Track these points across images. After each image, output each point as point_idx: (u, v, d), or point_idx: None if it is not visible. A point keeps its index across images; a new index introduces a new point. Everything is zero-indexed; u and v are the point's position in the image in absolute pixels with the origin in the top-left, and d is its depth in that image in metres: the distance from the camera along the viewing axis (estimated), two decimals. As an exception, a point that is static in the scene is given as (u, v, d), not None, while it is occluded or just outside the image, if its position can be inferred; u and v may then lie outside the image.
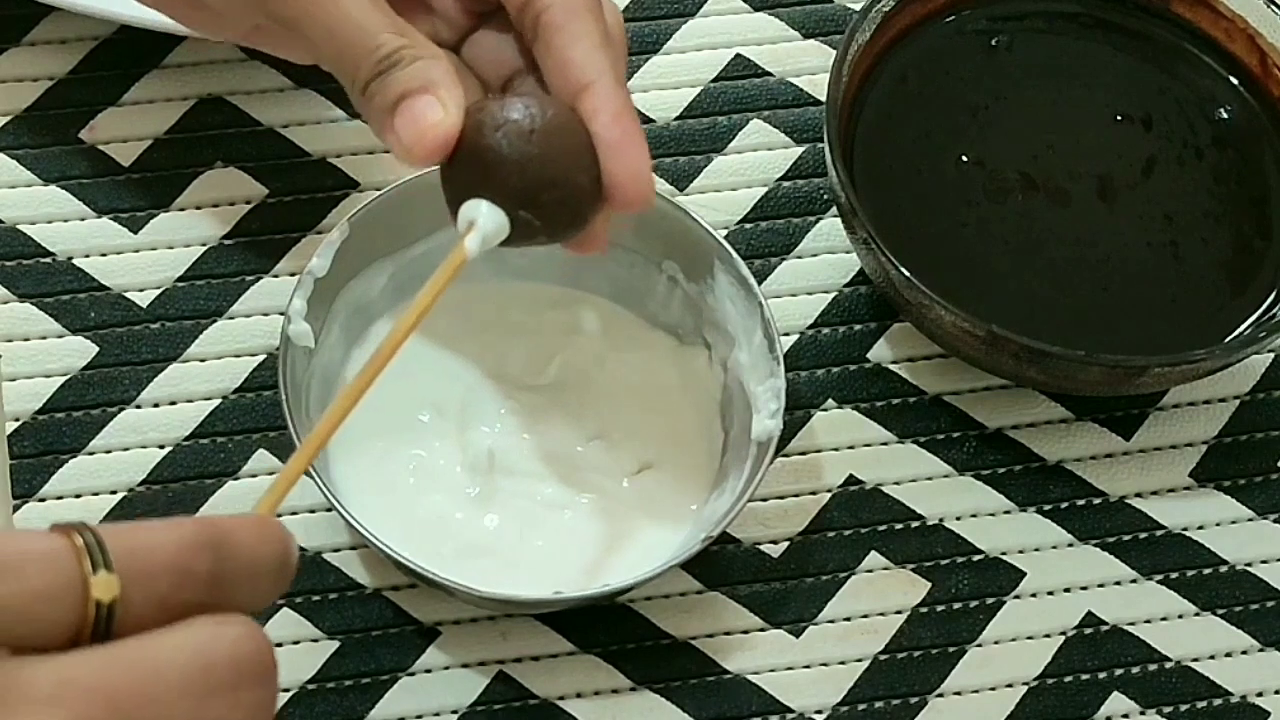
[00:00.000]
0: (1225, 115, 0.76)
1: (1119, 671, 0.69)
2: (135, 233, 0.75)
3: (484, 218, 0.57)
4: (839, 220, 0.73)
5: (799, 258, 0.76)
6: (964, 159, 0.74)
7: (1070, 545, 0.71)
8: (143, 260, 0.74)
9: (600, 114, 0.57)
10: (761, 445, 0.67)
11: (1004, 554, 0.71)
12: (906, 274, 0.68)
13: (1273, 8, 0.75)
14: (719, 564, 0.70)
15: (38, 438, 0.70)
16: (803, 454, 0.72)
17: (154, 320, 0.73)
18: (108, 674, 0.41)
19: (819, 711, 0.68)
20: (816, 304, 0.75)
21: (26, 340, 0.72)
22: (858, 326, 0.75)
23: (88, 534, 0.41)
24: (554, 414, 0.70)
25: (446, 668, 0.67)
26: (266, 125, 0.77)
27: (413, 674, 0.67)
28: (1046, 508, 0.72)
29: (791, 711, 0.68)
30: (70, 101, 0.77)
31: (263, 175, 0.76)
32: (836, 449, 0.72)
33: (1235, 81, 0.76)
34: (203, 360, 0.72)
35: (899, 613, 0.69)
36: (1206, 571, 0.71)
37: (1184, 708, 0.68)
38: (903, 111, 0.75)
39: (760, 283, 0.71)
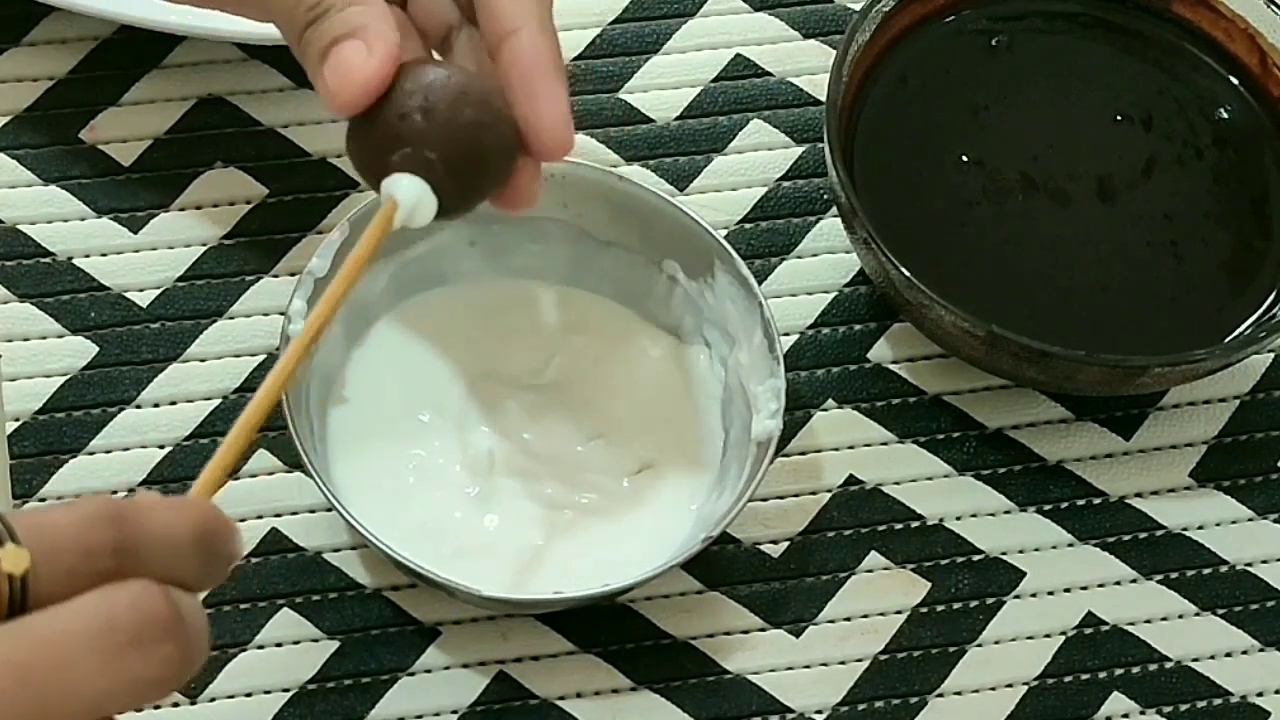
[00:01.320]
0: (1225, 115, 0.76)
1: (1119, 671, 0.69)
2: (135, 233, 0.75)
3: (404, 191, 0.57)
4: (839, 220, 0.73)
5: (799, 258, 0.76)
6: (964, 159, 0.74)
7: (1070, 545, 0.71)
8: (143, 260, 0.74)
9: (519, 61, 0.57)
10: (761, 445, 0.67)
11: (1004, 554, 0.71)
12: (906, 274, 0.68)
13: (1273, 8, 0.75)
14: (719, 564, 0.70)
15: (38, 438, 0.70)
16: (803, 454, 0.72)
17: (154, 320, 0.73)
18: (13, 645, 0.41)
19: (819, 711, 0.68)
20: (816, 304, 0.75)
21: (26, 340, 0.72)
22: (858, 326, 0.75)
23: None
24: (554, 414, 0.70)
25: (446, 668, 0.67)
26: (266, 125, 0.77)
27: (413, 674, 0.67)
28: (1046, 508, 0.72)
29: (791, 711, 0.68)
30: (70, 101, 0.77)
31: (263, 175, 0.76)
32: (836, 449, 0.72)
33: (1235, 81, 0.76)
34: (203, 360, 0.72)
35: (899, 613, 0.69)
36: (1206, 571, 0.71)
37: (1184, 708, 0.68)
38: (903, 111, 0.75)
39: (760, 283, 0.71)
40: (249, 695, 0.67)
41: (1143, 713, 0.68)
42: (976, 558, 0.71)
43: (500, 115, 0.58)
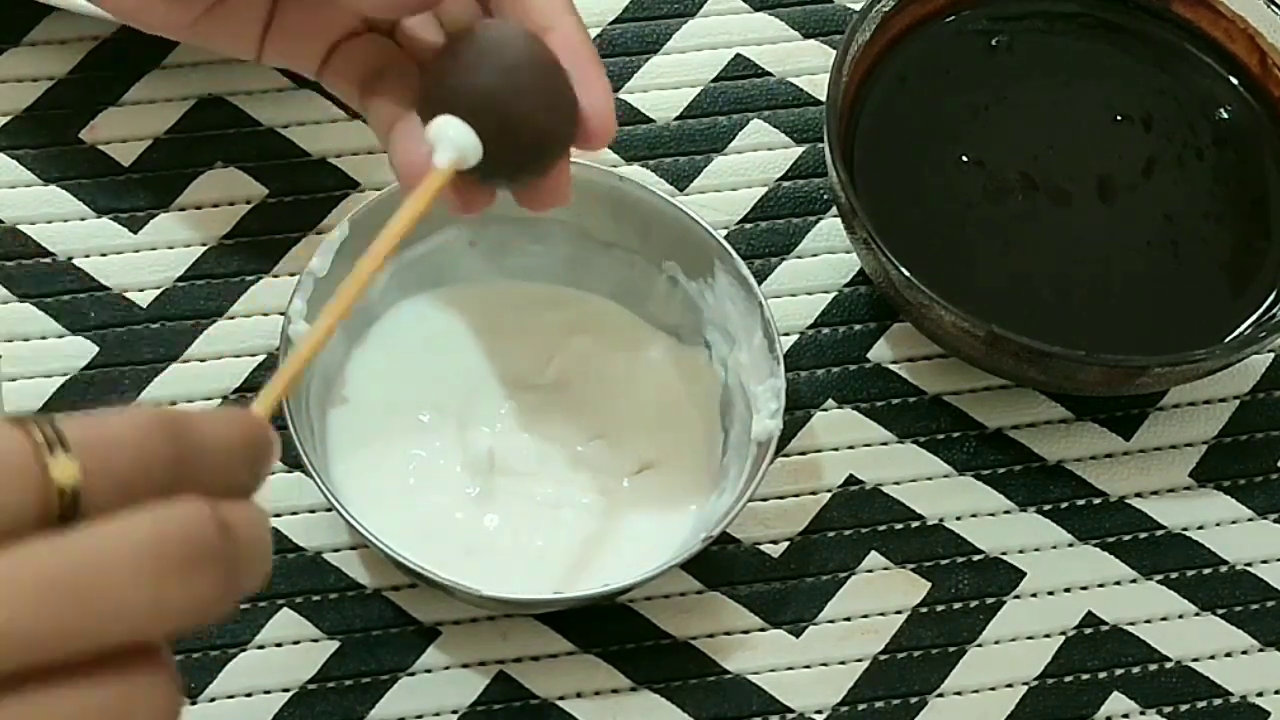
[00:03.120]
0: (1225, 115, 0.76)
1: (1119, 671, 0.69)
2: (135, 233, 0.75)
3: (456, 133, 0.56)
4: (839, 220, 0.73)
5: (799, 258, 0.76)
6: (964, 159, 0.74)
7: (1070, 545, 0.71)
8: (143, 260, 0.74)
9: (566, 52, 0.57)
10: (761, 445, 0.67)
11: (1004, 554, 0.71)
12: (906, 274, 0.68)
13: (1273, 8, 0.75)
14: (719, 564, 0.70)
15: (38, 438, 0.70)
16: (803, 454, 0.72)
17: (154, 320, 0.73)
18: (58, 560, 0.40)
19: (819, 711, 0.68)
20: (816, 304, 0.75)
21: (26, 340, 0.72)
22: (858, 326, 0.75)
23: (44, 423, 0.41)
24: (554, 414, 0.70)
25: (446, 668, 0.67)
26: (266, 125, 0.77)
27: (413, 674, 0.67)
28: (1046, 508, 0.72)
29: (791, 711, 0.68)
30: (70, 101, 0.77)
31: (263, 175, 0.76)
32: (836, 449, 0.72)
33: (1235, 81, 0.76)
34: (203, 360, 0.72)
35: (899, 613, 0.69)
36: (1206, 571, 0.71)
37: (1184, 708, 0.68)
38: (903, 111, 0.75)
39: (760, 283, 0.71)
40: (249, 695, 0.67)
41: (1143, 713, 0.68)
42: (976, 558, 0.71)
43: (566, 96, 0.57)
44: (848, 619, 0.69)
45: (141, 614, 0.40)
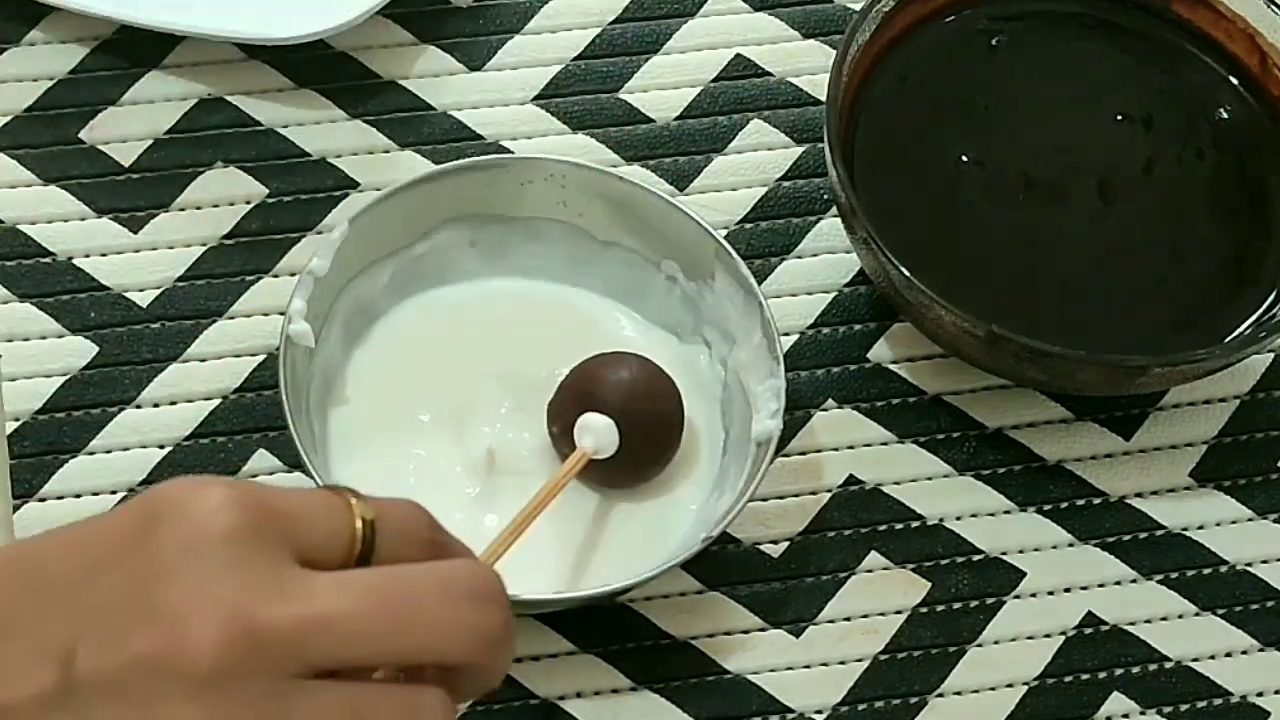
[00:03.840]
0: (1225, 115, 0.76)
1: (1119, 671, 0.69)
2: (135, 233, 0.75)
3: (597, 423, 0.67)
4: (839, 220, 0.73)
5: (799, 258, 0.76)
6: (964, 159, 0.74)
7: (1070, 545, 0.71)
8: (143, 260, 0.74)
9: None
10: (761, 445, 0.67)
11: (1004, 554, 0.71)
12: (906, 274, 0.68)
13: (1273, 8, 0.75)
14: (719, 564, 0.69)
15: (38, 438, 0.70)
16: (803, 454, 0.72)
17: (154, 320, 0.73)
18: (378, 577, 0.49)
19: (819, 711, 0.68)
20: (816, 304, 0.75)
21: (26, 340, 0.72)
22: (858, 326, 0.75)
23: (338, 486, 0.51)
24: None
25: (446, 668, 0.67)
26: (266, 125, 0.77)
27: (413, 674, 0.67)
28: (1046, 508, 0.72)
29: (791, 711, 0.68)
30: (70, 101, 0.77)
31: (263, 175, 0.76)
32: (836, 449, 0.72)
33: (1235, 81, 0.76)
34: (203, 360, 0.72)
35: (899, 613, 0.69)
36: (1206, 571, 0.71)
37: (1184, 708, 0.68)
38: (903, 111, 0.75)
39: (760, 283, 0.71)
40: (249, 695, 0.66)
41: (1143, 713, 0.68)
42: (976, 558, 0.71)
43: (674, 397, 0.69)
44: (848, 619, 0.69)
45: (444, 629, 0.50)
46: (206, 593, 0.47)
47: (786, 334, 0.74)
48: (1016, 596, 0.70)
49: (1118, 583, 0.71)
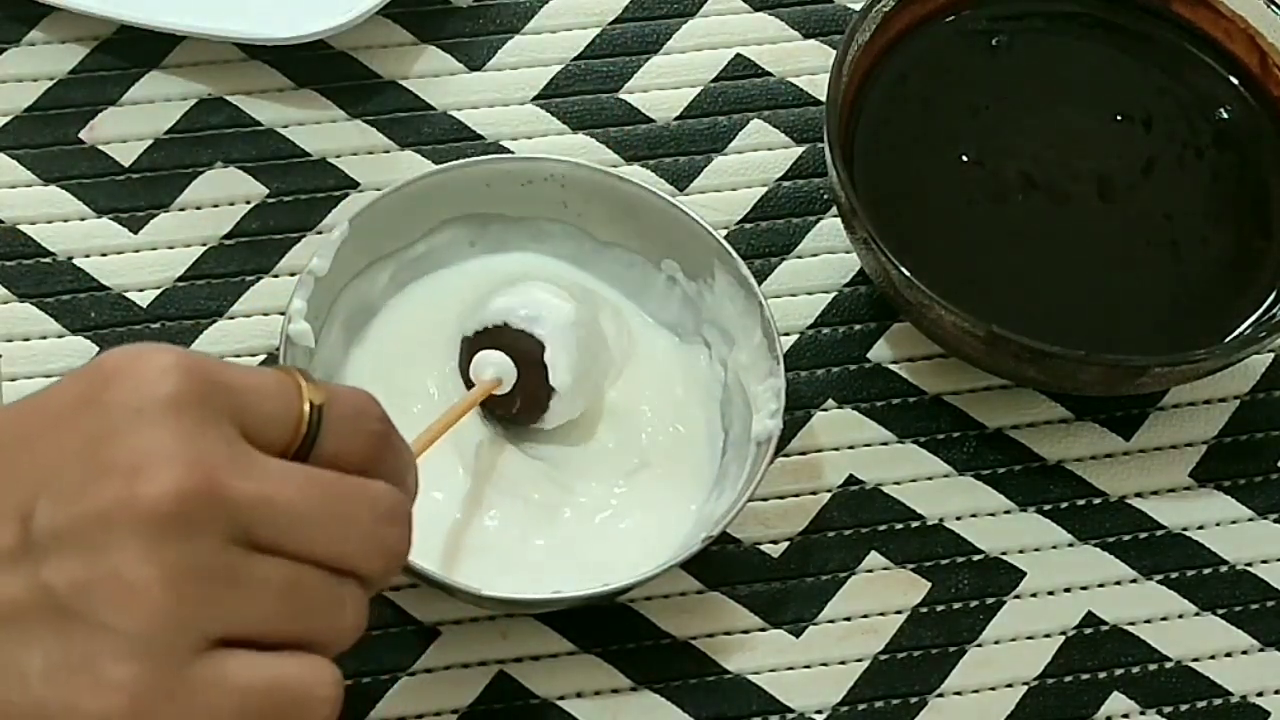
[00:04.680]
0: (1225, 115, 0.76)
1: (1119, 671, 0.69)
2: (135, 233, 0.75)
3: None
4: (839, 220, 0.73)
5: (799, 258, 0.76)
6: (964, 159, 0.74)
7: (1070, 545, 0.71)
8: (143, 260, 0.74)
9: None
10: (761, 445, 0.67)
11: (1004, 554, 0.71)
12: (906, 274, 0.68)
13: (1273, 8, 0.75)
14: (719, 564, 0.70)
15: (38, 438, 0.70)
16: (803, 454, 0.72)
17: (154, 320, 0.73)
18: (323, 475, 0.52)
19: (819, 711, 0.68)
20: (816, 304, 0.75)
21: (26, 340, 0.72)
22: (858, 326, 0.75)
23: (294, 369, 0.53)
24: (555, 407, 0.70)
25: (447, 668, 0.67)
26: (266, 125, 0.77)
27: (413, 674, 0.67)
28: (1046, 508, 0.72)
29: (791, 711, 0.68)
30: (70, 101, 0.77)
31: (263, 175, 0.76)
32: (836, 449, 0.72)
33: (1235, 81, 0.76)
34: (203, 360, 0.72)
35: (899, 613, 0.69)
36: (1206, 571, 0.71)
37: (1184, 708, 0.68)
38: (903, 111, 0.75)
39: (760, 283, 0.71)
40: (249, 695, 0.66)
41: (1143, 713, 0.68)
42: (976, 558, 0.71)
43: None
44: (848, 619, 0.69)
45: (365, 534, 0.52)
46: (162, 447, 0.49)
47: (786, 334, 0.74)
48: (1016, 596, 0.70)
49: (1118, 583, 0.71)
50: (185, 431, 0.50)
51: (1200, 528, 0.72)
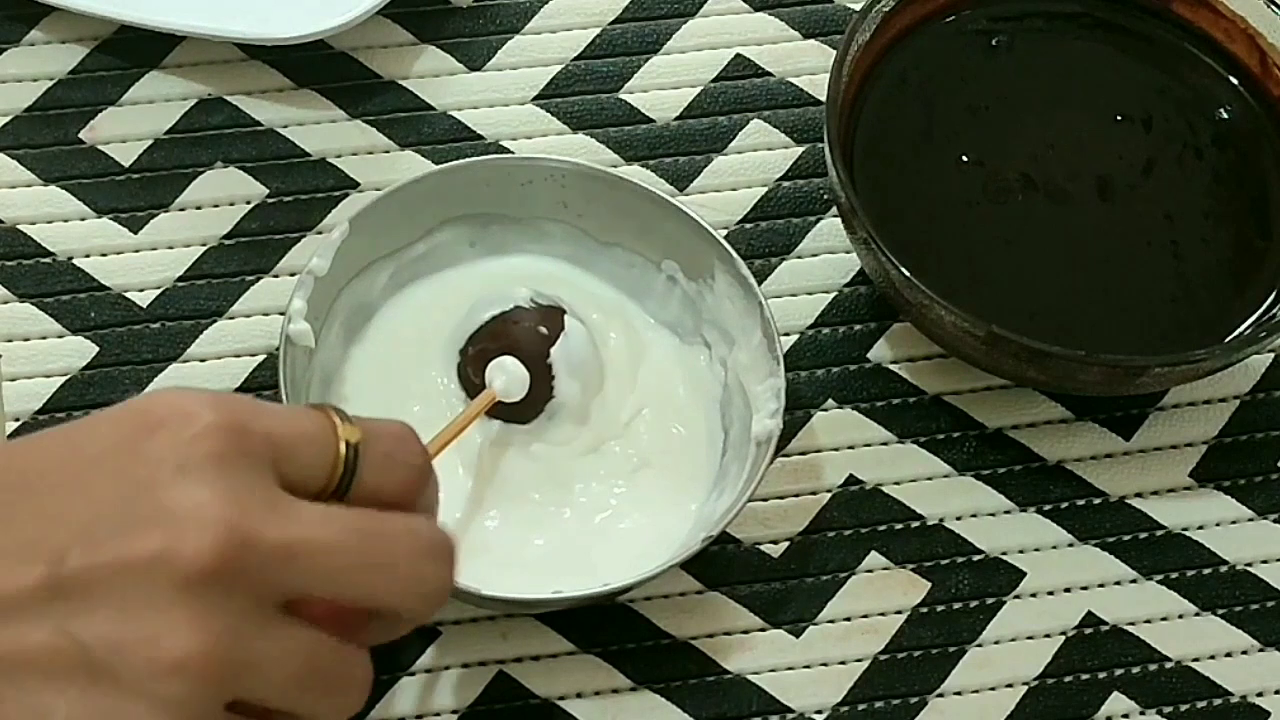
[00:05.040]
0: (1225, 115, 0.76)
1: (1119, 671, 0.69)
2: (135, 233, 0.75)
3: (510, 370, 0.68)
4: (839, 220, 0.73)
5: (799, 258, 0.76)
6: (964, 159, 0.74)
7: (1070, 545, 0.71)
8: (143, 260, 0.74)
9: None
10: (761, 445, 0.67)
11: (1004, 554, 0.71)
12: (906, 274, 0.68)
13: (1273, 8, 0.75)
14: (719, 564, 0.70)
15: (38, 438, 0.70)
16: (803, 454, 0.72)
17: (154, 320, 0.73)
18: (356, 518, 0.51)
19: (819, 711, 0.68)
20: (816, 304, 0.75)
21: (26, 340, 0.72)
22: (858, 326, 0.75)
23: (330, 407, 0.53)
24: (554, 413, 0.70)
25: (447, 667, 0.67)
26: (266, 125, 0.77)
27: (413, 674, 0.67)
28: (1046, 508, 0.72)
29: (791, 711, 0.68)
30: (70, 101, 0.77)
31: (263, 175, 0.76)
32: (836, 449, 0.72)
33: (1235, 81, 0.76)
34: (203, 360, 0.72)
35: (899, 613, 0.69)
36: (1206, 571, 0.71)
37: (1184, 708, 0.68)
38: (903, 111, 0.75)
39: (760, 283, 0.71)
40: (249, 695, 0.66)
41: (1143, 713, 0.68)
42: (976, 558, 0.71)
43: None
44: (848, 619, 0.69)
45: (404, 577, 0.52)
46: (204, 504, 0.49)
47: (786, 334, 0.74)
48: (1016, 596, 0.70)
49: (1118, 583, 0.71)
50: (226, 489, 0.49)
51: (1200, 528, 0.72)
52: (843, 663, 0.68)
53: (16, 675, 0.49)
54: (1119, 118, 0.75)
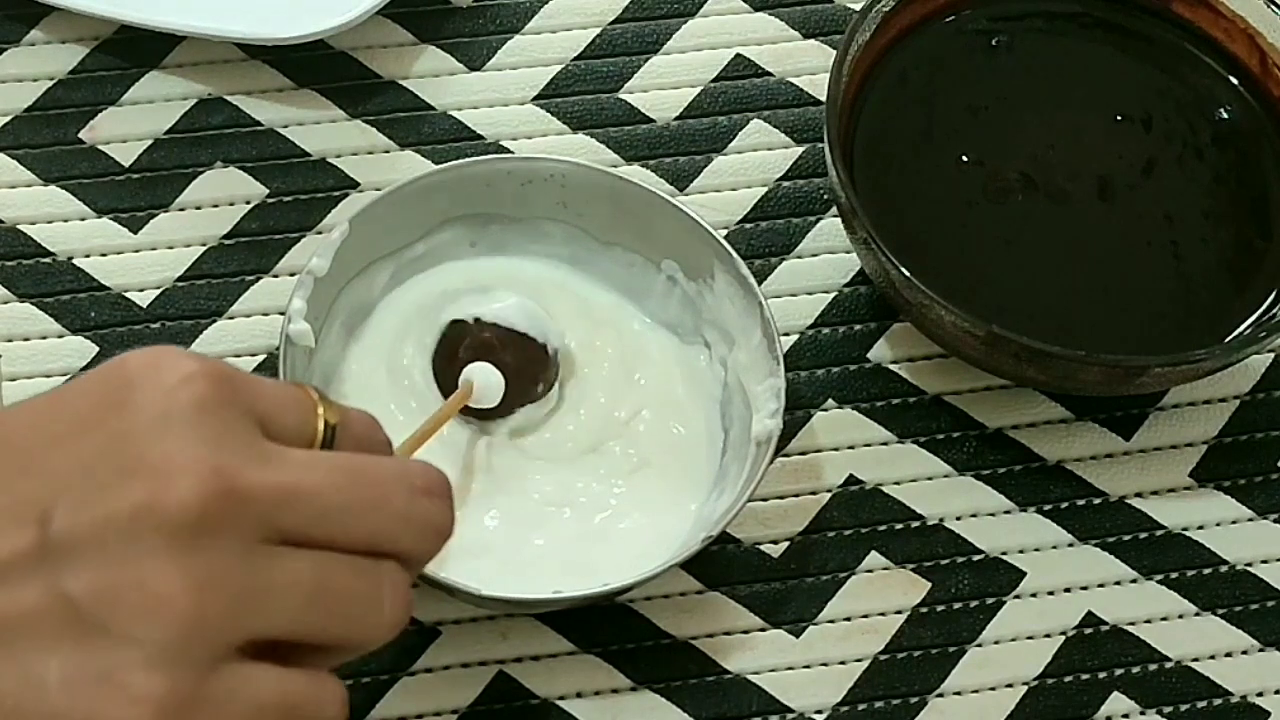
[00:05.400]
0: (1225, 115, 0.76)
1: (1119, 671, 0.69)
2: (135, 233, 0.75)
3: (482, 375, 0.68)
4: (839, 220, 0.73)
5: (799, 258, 0.76)
6: (964, 159, 0.74)
7: (1070, 545, 0.71)
8: (143, 260, 0.74)
9: None
10: (761, 445, 0.67)
11: (1004, 554, 0.71)
12: (906, 274, 0.68)
13: (1273, 8, 0.75)
14: (719, 564, 0.70)
15: (38, 438, 0.70)
16: (803, 454, 0.72)
17: (154, 320, 0.73)
18: (346, 459, 0.52)
19: (819, 711, 0.68)
20: (816, 304, 0.75)
21: (26, 340, 0.72)
22: (858, 326, 0.75)
23: (310, 386, 0.54)
24: (554, 413, 0.70)
25: (446, 667, 0.67)
26: (266, 125, 0.77)
27: (413, 674, 0.67)
28: (1046, 508, 0.72)
29: (791, 711, 0.68)
30: (70, 101, 0.77)
31: (263, 175, 0.76)
32: (836, 449, 0.72)
33: (1235, 81, 0.76)
34: (203, 360, 0.72)
35: (899, 613, 0.69)
36: (1206, 571, 0.71)
37: (1184, 708, 0.68)
38: (903, 111, 0.75)
39: (760, 283, 0.71)
40: (249, 695, 0.66)
41: (1143, 713, 0.68)
42: (976, 558, 0.71)
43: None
44: (848, 619, 0.69)
45: (401, 514, 0.52)
46: (187, 452, 0.49)
47: (786, 334, 0.74)
48: (1016, 596, 0.70)
49: (1118, 583, 0.71)
50: (209, 437, 0.49)
51: (1200, 528, 0.72)
52: (843, 663, 0.68)
53: (7, 639, 0.48)
54: (1119, 118, 0.75)
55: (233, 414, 0.50)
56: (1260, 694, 0.69)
